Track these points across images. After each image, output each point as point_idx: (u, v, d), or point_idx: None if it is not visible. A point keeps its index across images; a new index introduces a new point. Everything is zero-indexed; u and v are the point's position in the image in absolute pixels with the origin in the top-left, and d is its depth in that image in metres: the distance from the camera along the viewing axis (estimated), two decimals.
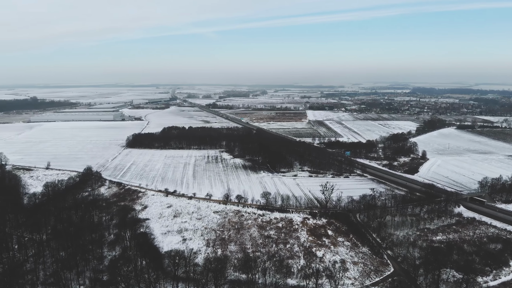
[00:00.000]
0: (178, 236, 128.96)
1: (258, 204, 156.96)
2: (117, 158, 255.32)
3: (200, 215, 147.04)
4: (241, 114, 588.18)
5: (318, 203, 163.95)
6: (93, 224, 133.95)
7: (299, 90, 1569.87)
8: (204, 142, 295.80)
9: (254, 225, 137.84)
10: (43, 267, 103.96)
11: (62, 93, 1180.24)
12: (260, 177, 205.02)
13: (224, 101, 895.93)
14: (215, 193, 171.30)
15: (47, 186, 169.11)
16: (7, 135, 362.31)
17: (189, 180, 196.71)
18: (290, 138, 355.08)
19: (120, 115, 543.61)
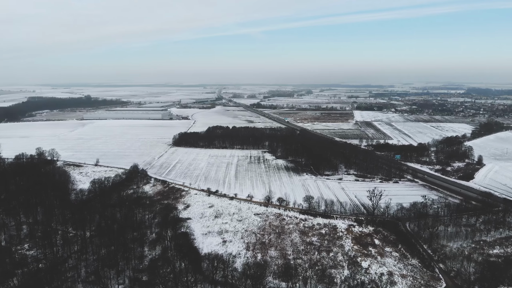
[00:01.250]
0: (219, 238, 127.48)
1: (300, 208, 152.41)
2: (163, 156, 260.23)
3: (241, 216, 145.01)
4: (285, 114, 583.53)
5: (364, 209, 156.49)
6: (136, 222, 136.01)
7: (346, 89, 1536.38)
8: (247, 142, 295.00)
9: (296, 230, 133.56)
10: (85, 264, 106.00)
11: (114, 92, 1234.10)
12: (303, 179, 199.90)
13: (269, 101, 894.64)
14: (256, 195, 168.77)
15: (94, 182, 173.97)
16: (60, 131, 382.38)
17: (231, 180, 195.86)
18: (336, 139, 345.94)
19: (168, 114, 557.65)
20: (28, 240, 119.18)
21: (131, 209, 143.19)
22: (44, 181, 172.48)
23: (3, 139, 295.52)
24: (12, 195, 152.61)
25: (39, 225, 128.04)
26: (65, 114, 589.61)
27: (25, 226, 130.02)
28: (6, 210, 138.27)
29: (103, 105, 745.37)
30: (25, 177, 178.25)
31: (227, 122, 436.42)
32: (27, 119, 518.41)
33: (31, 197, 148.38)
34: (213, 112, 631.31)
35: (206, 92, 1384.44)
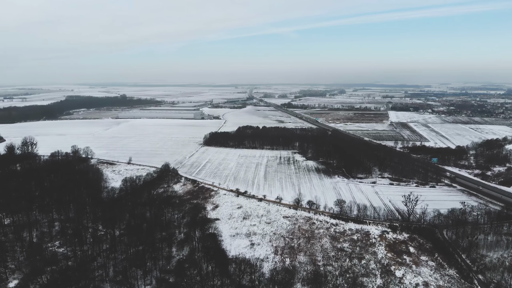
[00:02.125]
0: (246, 240, 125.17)
1: (331, 212, 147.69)
2: (194, 155, 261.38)
3: (270, 219, 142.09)
4: (316, 114, 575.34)
5: (399, 215, 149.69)
6: (165, 221, 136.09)
7: (380, 89, 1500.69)
8: (276, 142, 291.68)
9: (326, 235, 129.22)
10: (113, 263, 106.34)
11: (149, 92, 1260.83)
12: (334, 182, 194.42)
13: (300, 101, 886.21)
14: (285, 197, 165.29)
15: (125, 181, 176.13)
16: (96, 130, 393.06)
17: (260, 181, 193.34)
18: (369, 141, 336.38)
19: (200, 113, 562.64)
20: (59, 237, 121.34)
21: (161, 208, 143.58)
22: (77, 178, 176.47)
23: (41, 137, 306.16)
24: (46, 192, 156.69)
25: (71, 222, 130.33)
26: (101, 113, 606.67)
27: (57, 223, 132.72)
28: (40, 207, 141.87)
29: (137, 105, 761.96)
30: (59, 175, 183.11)
31: (257, 122, 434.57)
32: (64, 117, 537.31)
33: (64, 195, 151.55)
34: (244, 112, 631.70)
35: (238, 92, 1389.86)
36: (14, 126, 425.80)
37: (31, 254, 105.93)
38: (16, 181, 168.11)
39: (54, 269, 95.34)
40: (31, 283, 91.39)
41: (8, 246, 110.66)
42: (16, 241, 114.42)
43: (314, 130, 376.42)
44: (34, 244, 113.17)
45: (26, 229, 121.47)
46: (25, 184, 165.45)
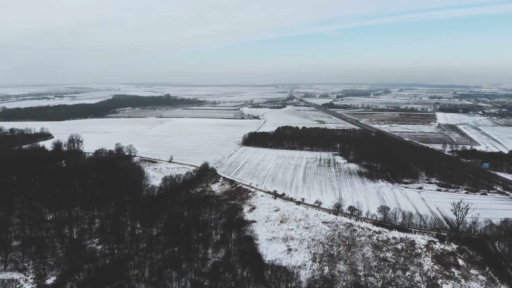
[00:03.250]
0: (283, 245, 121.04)
1: (373, 219, 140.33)
2: (233, 155, 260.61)
3: (308, 223, 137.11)
4: (359, 115, 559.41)
5: (447, 224, 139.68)
6: (202, 222, 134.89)
7: (427, 89, 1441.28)
8: (317, 143, 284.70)
9: (368, 243, 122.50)
10: (149, 263, 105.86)
11: (192, 92, 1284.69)
12: (378, 186, 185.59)
13: (342, 101, 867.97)
14: (325, 201, 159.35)
15: (165, 179, 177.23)
16: (140, 128, 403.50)
17: (298, 184, 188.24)
18: (415, 143, 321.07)
19: (240, 113, 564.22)
20: (99, 234, 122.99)
21: (198, 208, 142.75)
22: (119, 176, 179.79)
23: (87, 134, 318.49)
24: (88, 189, 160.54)
25: (111, 220, 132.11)
26: (146, 112, 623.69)
27: (97, 220, 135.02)
28: (82, 204, 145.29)
29: (181, 104, 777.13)
30: (102, 172, 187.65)
31: (297, 122, 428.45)
32: (110, 116, 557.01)
33: (106, 192, 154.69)
34: (284, 112, 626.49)
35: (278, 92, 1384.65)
36: (63, 123, 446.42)
37: (70, 250, 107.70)
38: (60, 177, 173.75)
39: (91, 267, 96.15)
40: (68, 281, 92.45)
41: (48, 242, 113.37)
42: (57, 237, 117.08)
43: (357, 131, 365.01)
44: (74, 241, 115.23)
45: (67, 226, 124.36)
46: (69, 180, 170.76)
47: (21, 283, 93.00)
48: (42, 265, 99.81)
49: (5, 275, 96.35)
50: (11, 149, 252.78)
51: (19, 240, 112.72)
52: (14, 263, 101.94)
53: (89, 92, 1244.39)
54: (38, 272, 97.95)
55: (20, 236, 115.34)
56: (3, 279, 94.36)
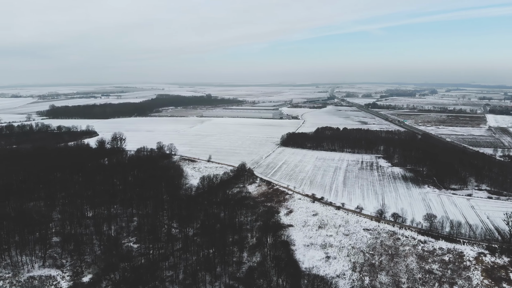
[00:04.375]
0: (321, 252, 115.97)
1: (419, 228, 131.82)
2: (270, 155, 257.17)
3: (348, 230, 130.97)
4: (404, 116, 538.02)
5: (499, 235, 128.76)
6: (238, 223, 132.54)
7: (476, 90, 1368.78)
8: (358, 145, 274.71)
9: (413, 254, 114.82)
10: (184, 264, 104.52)
11: (232, 92, 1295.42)
12: (424, 192, 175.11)
13: (386, 101, 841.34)
14: (366, 206, 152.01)
15: (203, 179, 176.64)
16: (181, 127, 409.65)
17: (338, 187, 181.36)
18: (464, 147, 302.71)
19: (279, 113, 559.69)
20: (136, 233, 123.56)
21: (234, 210, 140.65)
22: (159, 174, 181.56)
23: (131, 132, 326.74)
24: (128, 187, 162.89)
25: (148, 218, 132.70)
26: (187, 111, 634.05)
27: (135, 218, 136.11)
28: (121, 201, 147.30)
29: (221, 104, 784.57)
30: (143, 170, 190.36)
31: (338, 123, 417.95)
32: (153, 115, 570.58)
33: (145, 190, 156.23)
34: (324, 112, 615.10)
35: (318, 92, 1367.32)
36: (108, 121, 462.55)
37: (107, 248, 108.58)
38: (102, 175, 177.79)
39: (127, 266, 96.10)
40: (104, 279, 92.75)
41: (86, 239, 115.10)
42: (95, 234, 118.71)
43: (402, 133, 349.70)
44: (111, 239, 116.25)
45: (106, 223, 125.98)
46: (110, 178, 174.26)
47: (58, 280, 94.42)
48: (79, 262, 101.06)
49: (43, 271, 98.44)
50: (58, 146, 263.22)
51: (59, 236, 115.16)
52: (52, 260, 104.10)
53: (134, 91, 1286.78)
54: (75, 270, 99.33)
55: (60, 232, 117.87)
56: (41, 275, 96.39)
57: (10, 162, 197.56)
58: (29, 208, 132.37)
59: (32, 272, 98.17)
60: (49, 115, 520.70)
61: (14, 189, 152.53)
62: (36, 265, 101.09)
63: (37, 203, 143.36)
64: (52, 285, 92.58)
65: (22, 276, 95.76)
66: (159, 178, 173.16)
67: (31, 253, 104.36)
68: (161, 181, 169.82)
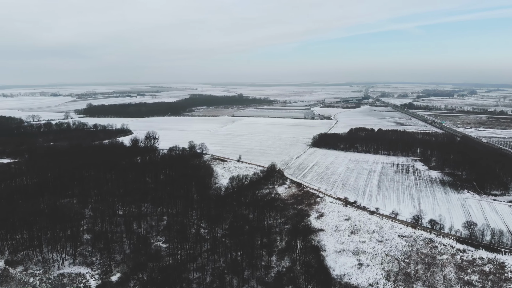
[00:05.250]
0: (353, 259, 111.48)
1: (457, 236, 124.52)
2: (301, 156, 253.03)
3: (382, 236, 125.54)
4: (442, 117, 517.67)
5: None
6: (267, 226, 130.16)
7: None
8: (394, 147, 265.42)
9: (451, 263, 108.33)
10: (212, 266, 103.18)
11: (263, 91, 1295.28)
12: (463, 198, 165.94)
13: (423, 101, 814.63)
14: (402, 212, 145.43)
15: (232, 179, 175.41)
16: (212, 127, 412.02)
17: (372, 191, 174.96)
18: (506, 150, 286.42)
19: (311, 113, 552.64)
20: (166, 232, 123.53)
21: (263, 212, 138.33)
22: (189, 173, 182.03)
23: (164, 131, 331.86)
24: (160, 186, 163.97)
25: (178, 218, 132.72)
26: (219, 111, 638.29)
27: (165, 217, 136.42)
28: (152, 200, 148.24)
29: (252, 104, 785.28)
30: (174, 169, 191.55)
31: (372, 124, 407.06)
32: (186, 114, 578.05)
33: (175, 189, 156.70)
34: (358, 112, 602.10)
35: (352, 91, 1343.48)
36: (142, 120, 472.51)
37: (137, 247, 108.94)
38: (134, 173, 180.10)
39: (155, 266, 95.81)
40: (132, 279, 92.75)
41: (117, 238, 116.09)
42: (126, 233, 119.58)
43: (439, 135, 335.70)
44: (141, 237, 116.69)
45: (136, 222, 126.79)
46: (142, 176, 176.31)
47: (87, 278, 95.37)
48: (108, 260, 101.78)
49: (73, 269, 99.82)
50: (93, 144, 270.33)
51: (90, 233, 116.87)
52: (83, 257, 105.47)
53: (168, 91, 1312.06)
54: (104, 268, 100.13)
55: (92, 230, 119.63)
56: (70, 272, 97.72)
57: (46, 159, 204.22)
58: (62, 205, 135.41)
59: (62, 269, 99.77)
60: (86, 114, 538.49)
61: (49, 185, 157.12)
62: (67, 263, 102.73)
63: (70, 200, 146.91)
64: (81, 283, 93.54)
65: (52, 273, 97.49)
66: (190, 177, 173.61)
67: (62, 250, 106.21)
68: (191, 180, 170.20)
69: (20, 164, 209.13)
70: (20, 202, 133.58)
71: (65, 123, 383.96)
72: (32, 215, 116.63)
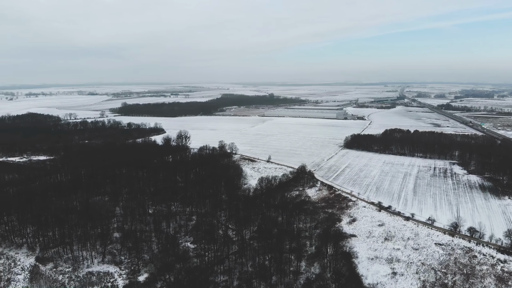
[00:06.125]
0: (387, 267, 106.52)
1: (498, 245, 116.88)
2: (333, 158, 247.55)
3: (418, 244, 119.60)
4: (481, 118, 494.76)
5: None
6: (296, 229, 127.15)
7: None
8: (431, 149, 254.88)
9: (491, 274, 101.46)
10: (239, 270, 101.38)
11: (294, 91, 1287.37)
12: (504, 205, 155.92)
13: (461, 102, 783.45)
14: (439, 218, 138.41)
15: (261, 180, 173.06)
16: (242, 126, 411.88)
17: (407, 195, 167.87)
18: None
19: (343, 113, 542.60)
20: (195, 232, 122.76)
21: (293, 215, 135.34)
22: (219, 173, 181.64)
23: (195, 131, 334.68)
24: (189, 185, 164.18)
25: (206, 217, 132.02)
26: (250, 111, 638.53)
27: (194, 217, 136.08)
28: (182, 199, 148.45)
29: (283, 103, 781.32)
30: (204, 169, 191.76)
31: (408, 125, 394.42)
32: (217, 114, 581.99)
33: (204, 189, 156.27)
34: (393, 113, 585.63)
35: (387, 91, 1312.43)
36: (175, 119, 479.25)
37: (165, 247, 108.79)
38: (165, 172, 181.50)
39: (182, 267, 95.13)
40: (159, 280, 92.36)
41: (145, 237, 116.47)
42: (155, 232, 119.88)
43: (479, 137, 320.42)
44: (170, 237, 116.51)
45: (165, 221, 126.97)
46: (173, 175, 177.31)
47: (115, 277, 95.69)
48: (136, 260, 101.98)
49: (102, 267, 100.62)
50: (126, 142, 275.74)
51: (120, 232, 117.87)
52: (112, 256, 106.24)
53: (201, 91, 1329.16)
54: (132, 268, 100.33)
55: (121, 228, 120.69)
56: (99, 271, 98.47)
57: (81, 156, 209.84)
58: (94, 203, 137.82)
59: (91, 268, 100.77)
60: (121, 112, 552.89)
61: (82, 183, 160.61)
62: (96, 261, 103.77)
63: (102, 197, 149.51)
64: (109, 282, 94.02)
65: (81, 271, 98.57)
66: (219, 177, 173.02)
67: (92, 248, 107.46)
68: (220, 180, 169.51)
69: (55, 161, 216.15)
70: (54, 199, 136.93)
71: (100, 122, 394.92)
72: (65, 212, 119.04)
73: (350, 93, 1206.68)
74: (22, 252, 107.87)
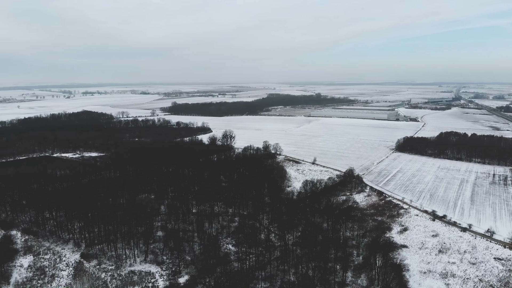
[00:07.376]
0: (441, 282, 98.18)
1: None
2: (383, 162, 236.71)
3: (475, 258, 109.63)
4: None
5: None
6: (342, 237, 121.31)
7: None
8: (489, 154, 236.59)
9: None
10: (281, 277, 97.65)
11: (343, 91, 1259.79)
12: None
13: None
14: (499, 230, 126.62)
15: (306, 183, 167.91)
16: (288, 127, 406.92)
17: (464, 204, 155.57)
18: None
19: (395, 114, 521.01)
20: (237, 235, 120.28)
21: (339, 221, 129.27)
22: (262, 174, 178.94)
23: (240, 130, 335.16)
24: (233, 185, 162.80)
25: (249, 220, 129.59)
26: (295, 111, 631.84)
27: (237, 218, 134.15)
28: (225, 199, 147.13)
29: (330, 103, 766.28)
30: (247, 169, 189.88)
31: (465, 128, 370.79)
32: (263, 113, 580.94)
33: (247, 190, 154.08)
34: (448, 115, 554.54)
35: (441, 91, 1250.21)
36: (221, 119, 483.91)
37: (207, 248, 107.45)
38: (210, 171, 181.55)
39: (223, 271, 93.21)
40: (199, 283, 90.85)
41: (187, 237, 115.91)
42: (197, 232, 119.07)
43: None
44: (212, 238, 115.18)
45: (208, 221, 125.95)
46: (217, 175, 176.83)
47: (156, 277, 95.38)
48: (178, 261, 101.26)
49: (143, 267, 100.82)
50: (174, 141, 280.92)
51: (163, 231, 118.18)
52: (154, 255, 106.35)
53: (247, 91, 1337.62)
54: (173, 268, 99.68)
55: (165, 227, 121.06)
56: (141, 270, 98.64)
57: (130, 154, 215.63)
58: (140, 200, 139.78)
59: (133, 266, 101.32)
60: (170, 111, 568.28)
61: (130, 180, 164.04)
62: (138, 260, 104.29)
63: (148, 195, 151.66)
64: (150, 282, 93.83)
65: (123, 270, 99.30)
66: (262, 178, 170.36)
67: (135, 247, 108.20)
68: (264, 182, 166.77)
69: (105, 158, 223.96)
70: (102, 196, 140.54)
71: (151, 120, 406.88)
72: (111, 209, 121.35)
73: (402, 93, 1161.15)
74: (68, 248, 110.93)
